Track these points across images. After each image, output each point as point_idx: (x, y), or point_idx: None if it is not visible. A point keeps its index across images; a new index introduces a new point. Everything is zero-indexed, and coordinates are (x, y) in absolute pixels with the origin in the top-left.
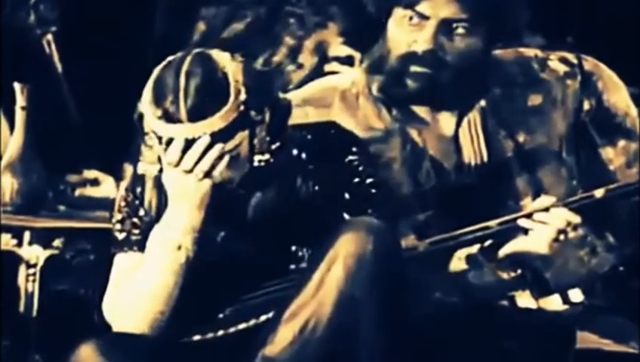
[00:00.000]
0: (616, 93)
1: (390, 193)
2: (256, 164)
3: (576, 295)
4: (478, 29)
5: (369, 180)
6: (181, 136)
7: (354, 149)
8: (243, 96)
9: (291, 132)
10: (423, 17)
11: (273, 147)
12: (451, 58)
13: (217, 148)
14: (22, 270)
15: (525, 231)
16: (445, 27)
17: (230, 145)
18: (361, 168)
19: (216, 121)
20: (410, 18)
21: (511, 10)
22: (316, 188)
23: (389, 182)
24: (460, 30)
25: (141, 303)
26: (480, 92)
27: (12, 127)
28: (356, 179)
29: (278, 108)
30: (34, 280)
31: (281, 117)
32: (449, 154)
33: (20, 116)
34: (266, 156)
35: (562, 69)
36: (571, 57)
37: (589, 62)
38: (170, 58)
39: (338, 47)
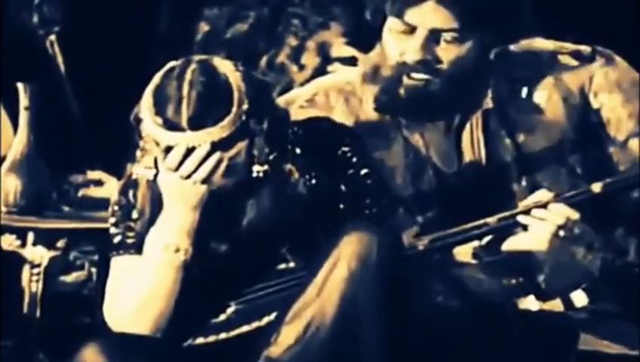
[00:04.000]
0: (625, 91)
1: (386, 183)
2: (254, 174)
3: (579, 299)
4: (471, 36)
5: (364, 171)
6: (182, 144)
7: (346, 140)
8: (245, 107)
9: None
10: (411, 27)
11: (271, 157)
12: (445, 67)
13: (216, 156)
14: (25, 270)
15: (525, 228)
16: (435, 36)
17: (229, 154)
18: (355, 159)
19: (218, 131)
20: (402, 27)
21: (505, 17)
22: (313, 181)
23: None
24: (450, 39)
25: (139, 305)
26: (481, 94)
27: (16, 128)
28: (351, 171)
29: (277, 119)
30: (38, 281)
31: (279, 127)
32: (450, 157)
33: (23, 117)
34: (265, 167)
35: (572, 63)
36: (585, 50)
37: (603, 56)
38: (171, 64)
39: (340, 48)
